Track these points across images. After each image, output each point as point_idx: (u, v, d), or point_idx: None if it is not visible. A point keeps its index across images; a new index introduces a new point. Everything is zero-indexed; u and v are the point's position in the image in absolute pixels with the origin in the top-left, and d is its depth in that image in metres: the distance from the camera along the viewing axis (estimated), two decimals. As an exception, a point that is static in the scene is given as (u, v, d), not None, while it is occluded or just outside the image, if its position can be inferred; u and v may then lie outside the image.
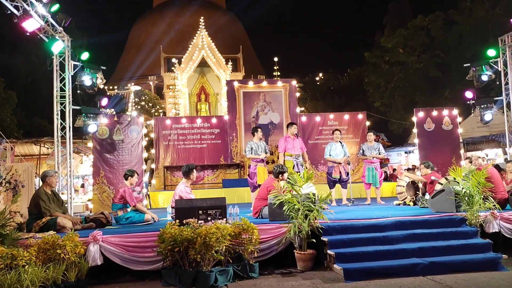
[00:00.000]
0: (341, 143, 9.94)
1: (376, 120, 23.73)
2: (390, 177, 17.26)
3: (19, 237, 5.78)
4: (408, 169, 17.72)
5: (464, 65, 12.02)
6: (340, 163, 9.72)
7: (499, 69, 11.55)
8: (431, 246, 6.18)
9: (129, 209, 7.74)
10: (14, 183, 10.44)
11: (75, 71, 10.26)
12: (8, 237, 5.55)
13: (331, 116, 14.76)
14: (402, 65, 24.30)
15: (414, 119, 13.30)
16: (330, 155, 9.77)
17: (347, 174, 9.80)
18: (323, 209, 6.43)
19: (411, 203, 8.98)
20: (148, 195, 12.43)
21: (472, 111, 12.63)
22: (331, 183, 9.83)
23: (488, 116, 11.71)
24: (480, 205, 6.80)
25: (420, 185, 9.23)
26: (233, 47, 28.59)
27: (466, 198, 6.88)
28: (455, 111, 13.39)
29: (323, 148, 10.14)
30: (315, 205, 6.26)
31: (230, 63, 23.08)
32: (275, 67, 27.77)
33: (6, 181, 10.12)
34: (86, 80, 10.00)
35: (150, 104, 30.13)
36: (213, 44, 22.55)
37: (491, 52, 11.52)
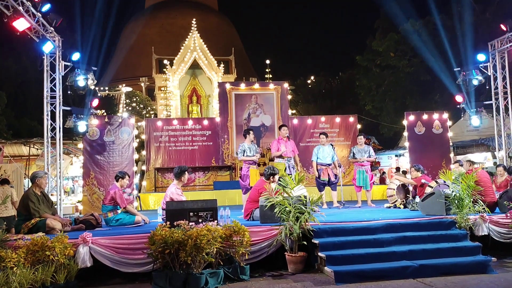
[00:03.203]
0: (332, 145, 9.97)
1: (367, 123, 23.88)
2: (379, 181, 17.33)
3: (8, 238, 5.72)
4: (397, 169, 17.85)
5: (455, 69, 12.11)
6: (328, 165, 9.74)
7: (489, 74, 11.65)
8: (421, 248, 6.21)
9: (119, 211, 7.69)
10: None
11: (65, 71, 10.19)
12: (-4, 239, 5.50)
13: (323, 119, 14.81)
14: (393, 68, 24.47)
15: (405, 122, 13.36)
16: (318, 158, 9.79)
17: (336, 176, 9.82)
18: (314, 211, 6.44)
19: (402, 206, 9.02)
20: (139, 197, 12.36)
21: (462, 115, 12.72)
22: (320, 186, 9.84)
23: (475, 120, 11.80)
24: (469, 208, 6.85)
25: (411, 188, 9.28)
26: (225, 49, 28.62)
27: (456, 201, 6.93)
28: (445, 115, 13.48)
29: (314, 150, 10.15)
30: (306, 208, 6.27)
31: (222, 65, 23.07)
32: (267, 70, 27.80)
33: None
34: (77, 80, 9.93)
35: (141, 106, 30.02)
36: (205, 46, 22.53)
37: (481, 57, 11.63)
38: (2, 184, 9.97)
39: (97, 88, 26.51)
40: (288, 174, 7.99)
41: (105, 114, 20.61)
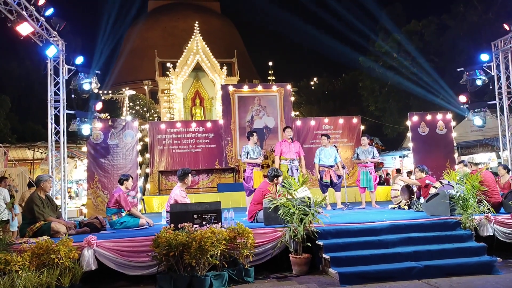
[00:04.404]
0: (335, 147, 9.96)
1: (371, 124, 23.85)
2: (384, 181, 17.30)
3: (13, 242, 5.74)
4: (398, 171, 17.82)
5: (458, 69, 12.08)
6: (330, 167, 9.71)
7: (492, 74, 11.61)
8: (426, 249, 6.19)
9: (123, 214, 7.70)
10: (8, 188, 10.39)
11: (69, 75, 10.23)
12: (1, 242, 5.51)
13: (326, 120, 14.79)
14: (396, 69, 24.42)
15: (409, 123, 13.34)
16: (320, 159, 9.77)
17: (339, 177, 9.79)
18: (318, 213, 6.43)
19: (406, 207, 8.99)
20: (143, 200, 12.38)
21: (466, 116, 12.68)
22: (323, 188, 9.82)
23: (477, 121, 11.76)
24: (474, 208, 6.82)
25: (415, 188, 9.25)
26: (228, 51, 28.63)
27: (461, 201, 6.91)
28: (449, 115, 13.45)
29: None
30: (310, 209, 6.26)
31: (224, 67, 23.11)
32: (269, 72, 27.82)
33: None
34: (82, 84, 9.95)
35: (145, 109, 30.11)
36: (207, 48, 22.56)
37: (484, 57, 11.59)
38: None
39: (100, 92, 26.59)
40: (291, 176, 8.00)
41: (108, 117, 20.67)
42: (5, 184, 9.92)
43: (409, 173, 15.73)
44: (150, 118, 28.17)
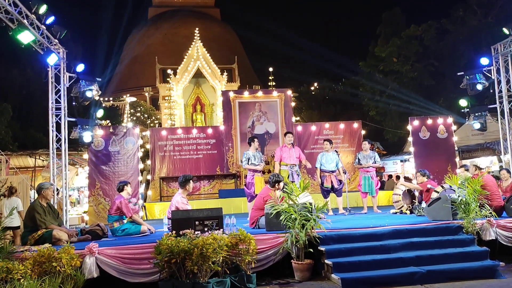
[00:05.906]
0: (337, 152, 9.96)
1: (372, 129, 23.84)
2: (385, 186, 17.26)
3: (14, 250, 5.74)
4: (390, 176, 17.79)
5: (458, 73, 12.09)
6: (332, 172, 9.70)
7: (493, 77, 11.62)
8: (428, 254, 6.18)
9: (125, 221, 7.70)
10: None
11: (70, 83, 10.25)
12: (3, 250, 5.51)
13: (327, 125, 14.79)
14: (397, 74, 24.47)
15: (409, 127, 13.34)
16: (321, 164, 9.76)
17: (340, 182, 9.77)
18: (320, 218, 6.42)
19: (408, 212, 8.98)
20: (144, 206, 12.37)
21: (467, 119, 12.69)
22: (325, 193, 9.80)
23: (476, 124, 11.76)
24: (476, 212, 6.82)
25: (417, 193, 9.24)
26: (228, 57, 28.70)
27: (463, 206, 6.90)
28: (450, 119, 13.45)
29: (319, 157, 10.13)
30: (312, 215, 6.25)
31: (225, 73, 23.15)
32: (270, 77, 27.83)
33: (1, 193, 10.08)
34: (85, 91, 9.97)
35: (146, 115, 30.15)
36: (208, 55, 22.62)
37: (484, 61, 11.59)
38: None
39: (101, 99, 26.66)
40: (292, 181, 7.99)
41: (110, 124, 20.69)
42: (17, 193, 9.93)
43: (406, 179, 15.66)
44: (151, 124, 28.20)
